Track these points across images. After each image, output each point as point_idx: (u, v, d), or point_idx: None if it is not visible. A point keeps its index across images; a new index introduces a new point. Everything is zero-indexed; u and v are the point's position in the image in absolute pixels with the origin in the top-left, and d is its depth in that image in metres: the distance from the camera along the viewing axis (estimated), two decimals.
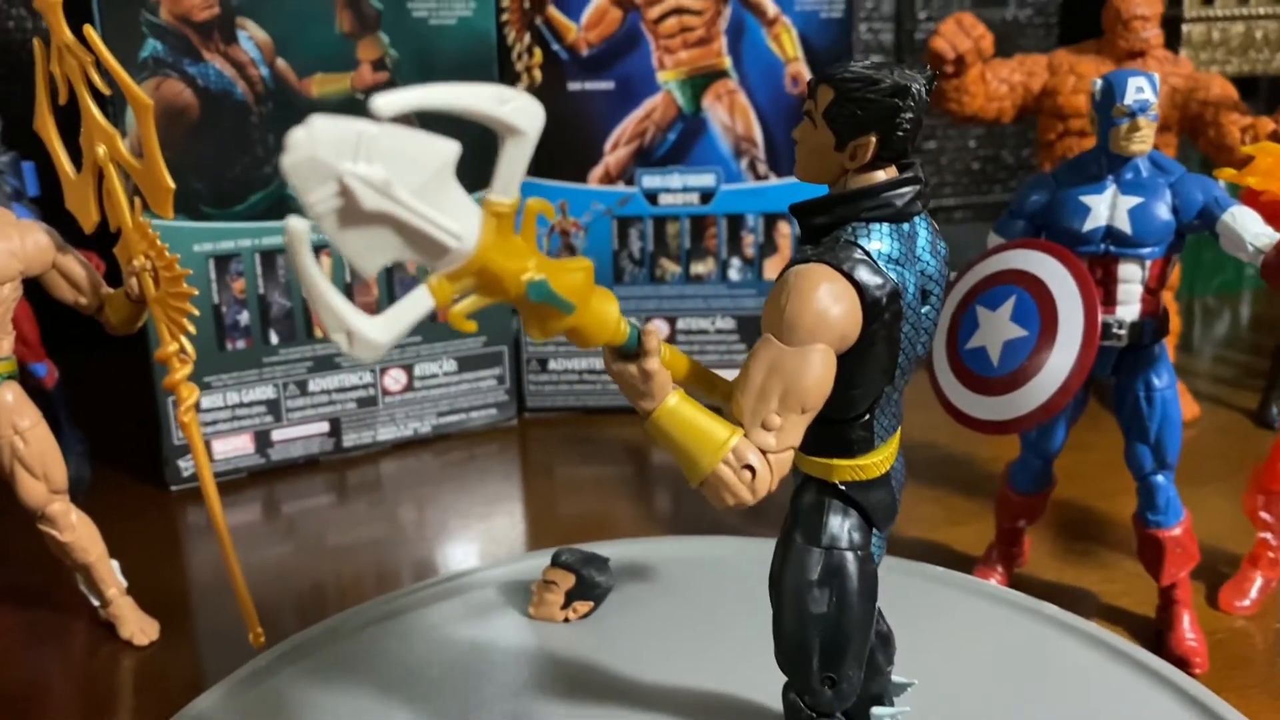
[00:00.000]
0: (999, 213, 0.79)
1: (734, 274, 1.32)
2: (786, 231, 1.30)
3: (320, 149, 0.37)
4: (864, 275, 0.50)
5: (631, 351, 0.51)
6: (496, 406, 1.34)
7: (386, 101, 0.38)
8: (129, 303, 0.81)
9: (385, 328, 0.42)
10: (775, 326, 0.49)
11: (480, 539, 1.09)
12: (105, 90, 0.75)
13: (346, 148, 0.38)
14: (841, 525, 0.55)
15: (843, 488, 0.55)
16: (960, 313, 0.81)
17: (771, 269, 1.32)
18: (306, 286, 0.41)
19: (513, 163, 0.44)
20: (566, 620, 0.84)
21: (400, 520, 1.16)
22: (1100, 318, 0.76)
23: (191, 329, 0.79)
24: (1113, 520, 1.06)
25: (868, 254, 0.50)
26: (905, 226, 0.52)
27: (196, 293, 0.79)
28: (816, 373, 0.49)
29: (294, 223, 0.39)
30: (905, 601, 0.86)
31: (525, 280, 0.45)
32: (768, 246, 1.31)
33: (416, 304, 0.43)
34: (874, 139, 0.50)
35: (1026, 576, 0.96)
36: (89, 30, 0.73)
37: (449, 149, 0.40)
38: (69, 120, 0.79)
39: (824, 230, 0.52)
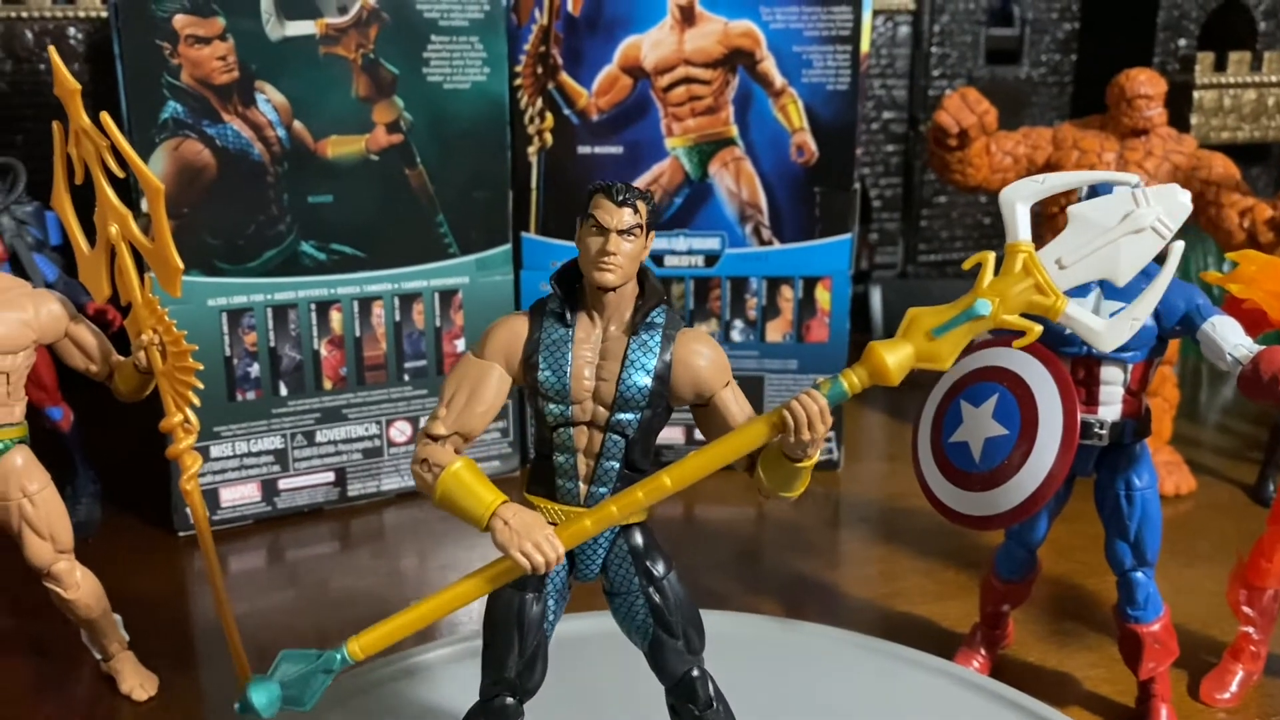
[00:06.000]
0: None
1: (736, 335, 1.34)
2: (789, 295, 1.32)
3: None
4: None
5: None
6: (500, 458, 1.36)
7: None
8: (137, 373, 0.84)
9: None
10: (729, 374, 0.65)
11: None
12: (119, 173, 0.78)
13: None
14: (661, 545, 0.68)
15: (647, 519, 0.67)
16: (945, 405, 0.82)
17: (774, 331, 1.34)
18: None
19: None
20: None
21: (402, 570, 1.18)
22: (1081, 418, 0.77)
23: (196, 401, 0.82)
24: (1100, 599, 1.07)
25: None
26: None
27: (202, 367, 0.81)
28: None
29: None
30: (881, 686, 0.87)
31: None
32: (770, 309, 1.33)
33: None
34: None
35: (1010, 659, 0.97)
36: (105, 117, 0.76)
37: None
38: (86, 196, 0.82)
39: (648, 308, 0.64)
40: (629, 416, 0.63)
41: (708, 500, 1.30)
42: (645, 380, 0.62)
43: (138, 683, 0.92)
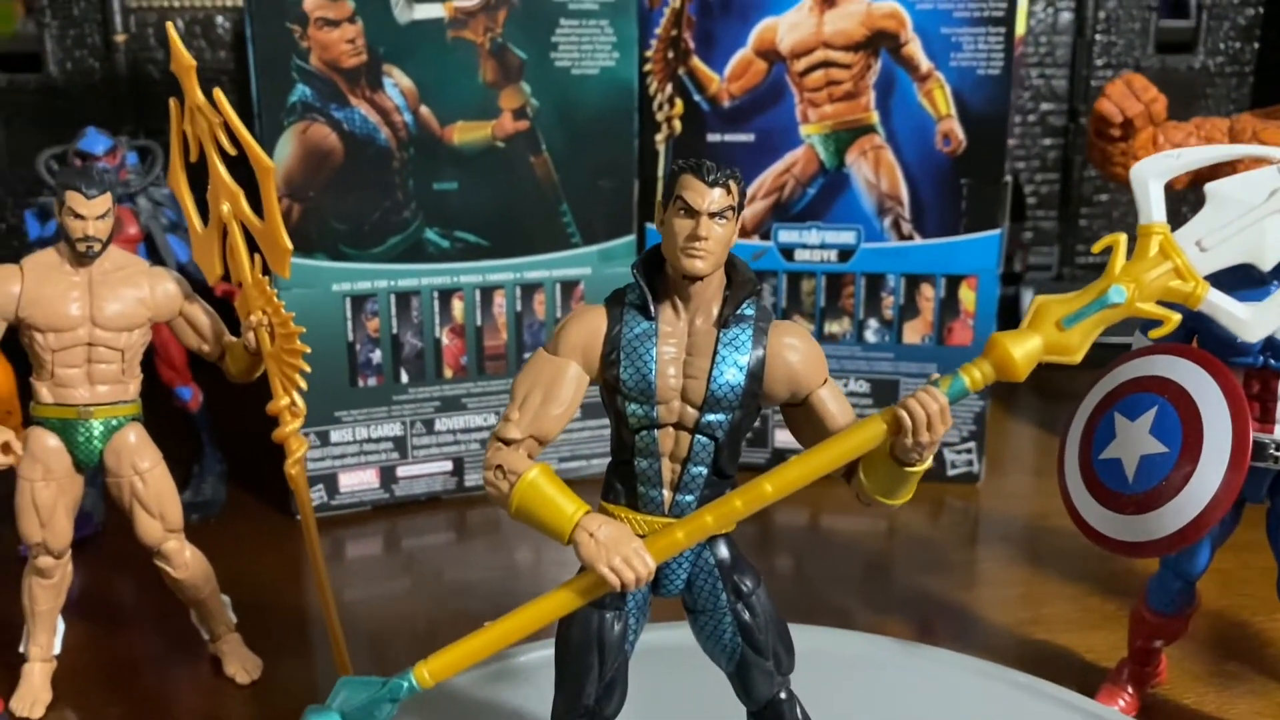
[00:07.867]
0: None
1: (870, 335, 1.27)
2: (930, 294, 1.24)
3: None
4: None
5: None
6: None
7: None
8: (246, 354, 0.83)
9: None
10: (826, 369, 0.60)
11: None
12: (231, 150, 0.77)
13: None
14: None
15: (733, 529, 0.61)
16: (1097, 417, 0.74)
17: (911, 332, 1.26)
18: None
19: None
20: None
21: (516, 562, 1.16)
22: (1254, 437, 0.68)
23: (303, 384, 0.80)
24: (1270, 640, 0.96)
25: None
26: None
27: (309, 350, 0.80)
28: None
29: None
30: None
31: None
32: (909, 309, 1.25)
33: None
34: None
35: (1162, 700, 0.88)
36: (218, 94, 0.75)
37: None
38: (201, 176, 0.81)
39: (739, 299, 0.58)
40: (719, 417, 0.58)
41: (835, 509, 1.23)
42: (738, 377, 0.57)
43: (241, 666, 0.91)
